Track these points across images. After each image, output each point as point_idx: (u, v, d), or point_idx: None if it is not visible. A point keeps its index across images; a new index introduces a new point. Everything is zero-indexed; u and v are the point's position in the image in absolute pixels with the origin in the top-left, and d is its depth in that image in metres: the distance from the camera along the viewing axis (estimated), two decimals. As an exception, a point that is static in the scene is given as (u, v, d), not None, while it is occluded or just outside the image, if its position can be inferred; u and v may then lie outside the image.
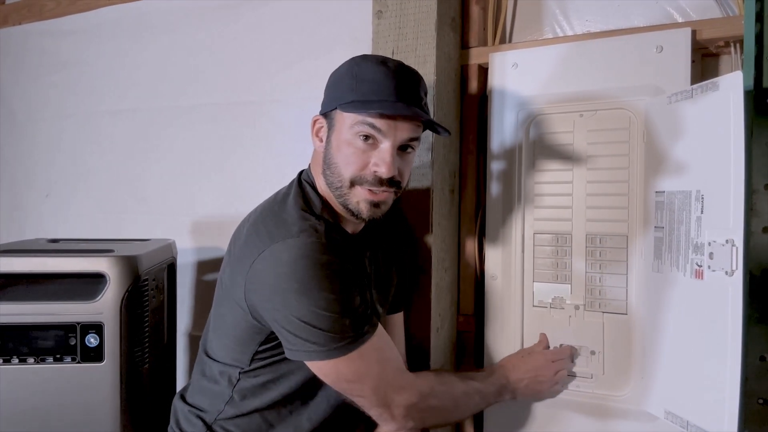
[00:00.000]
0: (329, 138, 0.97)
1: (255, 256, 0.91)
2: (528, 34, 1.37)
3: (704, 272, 0.97)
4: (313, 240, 0.90)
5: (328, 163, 0.97)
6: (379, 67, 0.95)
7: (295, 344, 0.91)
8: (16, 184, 2.14)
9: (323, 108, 1.00)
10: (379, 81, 0.93)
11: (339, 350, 0.90)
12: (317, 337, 0.89)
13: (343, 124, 0.94)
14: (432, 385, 0.99)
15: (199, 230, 1.78)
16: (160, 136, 1.85)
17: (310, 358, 0.91)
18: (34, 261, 1.23)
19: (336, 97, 0.96)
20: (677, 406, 1.04)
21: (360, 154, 0.94)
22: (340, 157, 0.95)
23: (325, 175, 0.98)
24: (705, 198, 0.98)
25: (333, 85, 0.99)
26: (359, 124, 0.92)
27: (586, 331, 1.20)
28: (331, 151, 0.96)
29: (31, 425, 1.21)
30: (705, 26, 1.11)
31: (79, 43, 1.97)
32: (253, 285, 0.92)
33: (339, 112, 0.95)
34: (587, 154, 1.20)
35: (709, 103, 0.98)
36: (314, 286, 0.88)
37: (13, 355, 1.19)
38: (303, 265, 0.88)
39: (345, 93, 0.94)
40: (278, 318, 0.91)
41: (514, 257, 1.27)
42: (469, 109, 1.36)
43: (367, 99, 0.92)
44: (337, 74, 0.99)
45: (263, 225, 0.96)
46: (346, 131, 0.94)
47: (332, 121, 0.97)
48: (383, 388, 0.94)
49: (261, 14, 1.67)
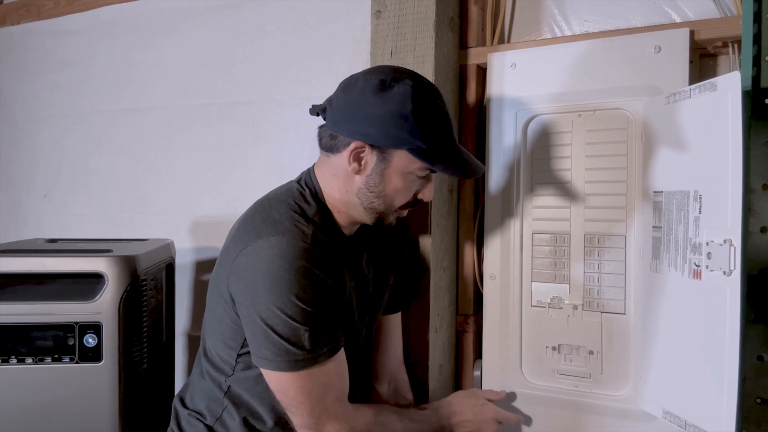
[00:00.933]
0: (380, 172, 0.96)
1: (239, 250, 0.92)
2: (526, 35, 1.37)
3: (702, 272, 0.97)
4: (296, 242, 0.90)
5: (372, 190, 0.98)
6: (439, 103, 0.97)
7: (253, 346, 0.92)
8: (14, 184, 2.13)
9: (376, 140, 0.94)
10: (444, 126, 0.97)
11: (289, 364, 0.89)
12: (272, 344, 0.89)
13: (407, 165, 0.96)
14: (368, 423, 0.98)
15: (198, 230, 1.78)
16: (158, 136, 1.85)
17: (261, 365, 0.92)
18: (32, 261, 1.23)
19: (398, 136, 0.93)
20: (675, 406, 1.04)
21: (414, 188, 1.00)
22: (391, 188, 0.97)
23: (364, 198, 0.99)
24: (703, 198, 0.98)
25: (390, 120, 0.92)
26: (425, 170, 0.97)
27: (585, 330, 1.20)
28: (381, 183, 0.97)
29: (30, 425, 1.20)
30: (703, 26, 1.12)
31: (77, 43, 1.97)
32: (233, 277, 0.93)
33: (405, 153, 0.94)
34: (585, 154, 1.20)
35: (707, 104, 0.98)
36: (284, 288, 0.88)
37: (11, 355, 1.19)
38: (279, 266, 0.88)
39: (411, 137, 0.93)
40: (245, 315, 0.92)
41: (513, 257, 1.27)
42: (467, 109, 1.36)
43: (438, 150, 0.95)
44: (394, 108, 0.92)
45: (252, 221, 0.96)
46: (406, 169, 0.96)
47: (388, 157, 0.95)
48: (319, 412, 0.93)
49: (260, 14, 1.67)
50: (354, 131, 0.95)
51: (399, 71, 0.97)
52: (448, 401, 1.15)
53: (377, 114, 0.92)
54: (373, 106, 0.93)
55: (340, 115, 0.96)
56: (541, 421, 1.25)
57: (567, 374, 1.22)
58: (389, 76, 0.94)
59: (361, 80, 0.95)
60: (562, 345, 1.22)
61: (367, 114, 0.93)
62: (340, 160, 0.97)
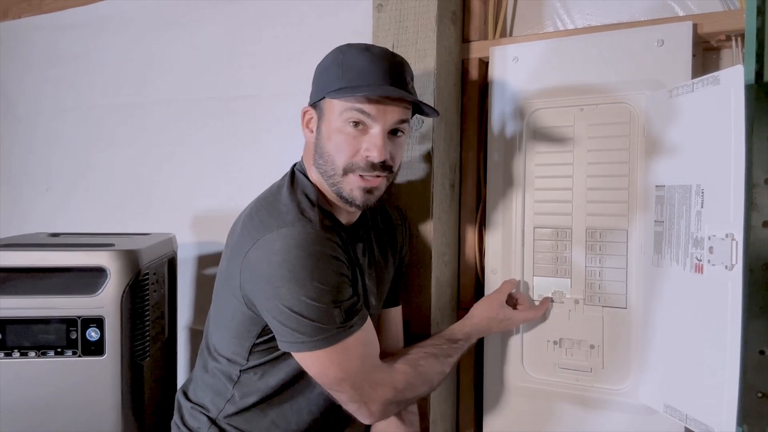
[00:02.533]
0: (319, 128, 0.98)
1: (250, 245, 0.92)
2: (529, 28, 1.37)
3: (704, 266, 0.97)
4: (307, 229, 0.90)
5: (320, 153, 0.97)
6: (364, 53, 0.95)
7: (284, 335, 0.91)
8: (17, 178, 2.13)
9: (312, 99, 1.01)
10: (366, 67, 0.94)
11: (325, 341, 0.90)
12: (305, 327, 0.89)
13: (332, 112, 0.95)
14: (408, 379, 0.98)
15: (200, 224, 1.78)
16: (160, 130, 1.85)
17: (297, 349, 0.92)
18: (34, 255, 1.23)
19: (323, 86, 0.97)
20: (676, 400, 1.05)
21: (351, 140, 0.94)
22: (331, 145, 0.95)
23: (317, 165, 0.99)
24: (705, 192, 0.98)
25: (320, 75, 0.99)
26: (348, 110, 0.93)
27: (586, 325, 1.20)
28: (322, 140, 0.97)
29: (33, 419, 1.21)
30: (706, 20, 1.11)
31: (79, 36, 1.97)
32: (247, 274, 0.93)
33: (327, 100, 0.95)
34: (588, 148, 1.20)
35: (709, 97, 0.97)
36: (306, 276, 0.88)
37: (14, 349, 1.19)
38: (295, 255, 0.88)
39: (332, 81, 0.95)
40: (269, 307, 0.91)
41: (515, 251, 1.27)
42: (469, 103, 1.35)
43: (355, 85, 0.93)
44: (323, 64, 1.00)
45: (258, 215, 0.96)
46: (335, 119, 0.94)
47: (321, 111, 0.97)
48: (361, 384, 0.93)
49: (262, 8, 1.67)
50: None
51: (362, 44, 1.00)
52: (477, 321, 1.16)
53: (315, 75, 1.01)
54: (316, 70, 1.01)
55: None
56: (542, 415, 1.25)
57: (568, 368, 1.22)
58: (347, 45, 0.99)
59: None
60: (564, 339, 1.23)
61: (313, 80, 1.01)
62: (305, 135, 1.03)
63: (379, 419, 0.97)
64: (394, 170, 0.99)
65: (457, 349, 1.09)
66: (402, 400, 0.98)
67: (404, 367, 0.99)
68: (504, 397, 1.29)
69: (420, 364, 1.01)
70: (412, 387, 0.99)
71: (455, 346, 1.09)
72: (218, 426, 1.05)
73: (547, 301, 1.23)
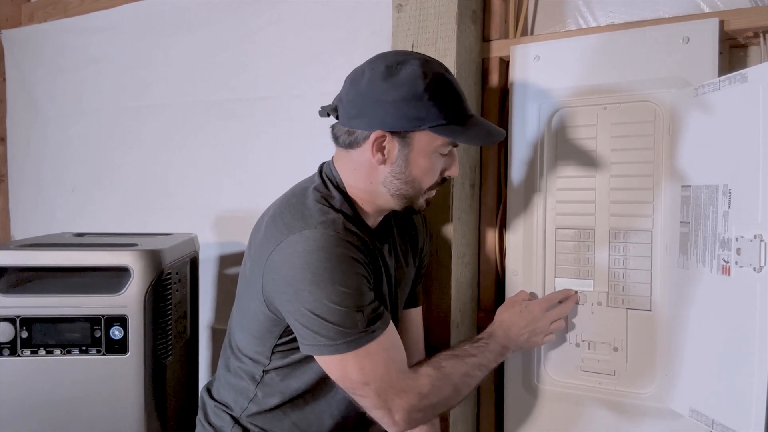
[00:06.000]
0: (403, 156, 0.96)
1: (273, 247, 0.92)
2: (550, 26, 1.35)
3: (731, 268, 0.95)
4: (330, 232, 0.90)
5: (402, 179, 0.97)
6: (445, 78, 0.96)
7: (306, 337, 0.91)
8: (43, 179, 2.18)
9: (395, 125, 0.94)
10: (455, 97, 0.96)
11: (348, 345, 0.89)
12: (328, 331, 0.89)
13: (429, 144, 0.96)
14: (432, 382, 0.96)
15: (221, 224, 1.80)
16: (182, 131, 1.87)
17: (320, 352, 0.91)
18: (60, 254, 1.25)
19: (417, 117, 0.93)
20: (703, 405, 1.03)
21: (439, 166, 0.99)
22: (417, 171, 0.97)
23: (392, 187, 0.98)
24: (732, 192, 0.96)
25: (405, 103, 0.92)
26: (447, 145, 0.97)
27: (609, 327, 1.19)
28: (408, 168, 0.97)
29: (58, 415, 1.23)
30: (733, 16, 1.09)
31: (103, 39, 2.00)
32: (269, 276, 0.93)
33: (424, 133, 0.94)
34: (611, 148, 1.18)
35: (737, 95, 0.95)
36: (328, 279, 0.88)
37: (40, 347, 1.22)
38: (317, 257, 0.88)
39: (430, 114, 0.93)
40: (291, 310, 0.91)
41: (536, 252, 1.26)
42: (490, 102, 1.34)
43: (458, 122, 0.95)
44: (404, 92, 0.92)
45: (281, 217, 0.96)
46: (429, 148, 0.96)
47: (410, 141, 0.95)
48: (385, 390, 0.92)
49: (281, 9, 1.67)
50: (371, 123, 0.94)
51: (401, 54, 0.97)
52: (497, 321, 1.15)
53: (391, 100, 0.92)
54: (385, 93, 0.92)
55: (353, 110, 0.96)
56: (563, 418, 1.24)
57: (591, 371, 1.21)
58: (393, 60, 0.94)
59: (367, 71, 0.95)
60: (586, 341, 1.21)
61: (381, 102, 0.93)
62: (362, 153, 0.97)
63: (403, 429, 0.94)
64: None
65: (479, 348, 1.05)
66: (427, 406, 0.95)
67: (427, 370, 0.97)
68: (525, 399, 1.28)
69: (442, 365, 0.99)
70: (437, 390, 0.96)
71: (477, 345, 1.06)
72: (241, 425, 1.05)
73: (573, 297, 1.20)
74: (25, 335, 1.21)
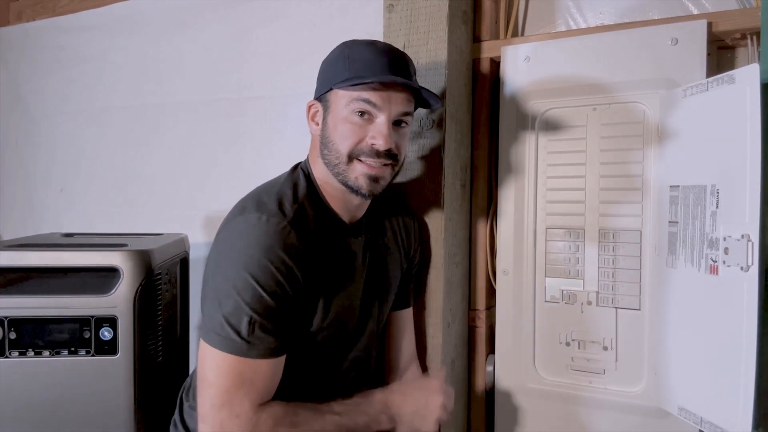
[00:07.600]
0: (325, 120, 0.99)
1: (223, 225, 0.96)
2: (540, 27, 1.36)
3: (719, 267, 0.96)
4: (274, 222, 0.90)
5: (326, 143, 0.98)
6: (370, 47, 0.98)
7: (202, 316, 0.92)
8: (31, 179, 2.16)
9: (317, 92, 1.02)
10: (371, 59, 0.96)
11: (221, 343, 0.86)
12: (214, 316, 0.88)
13: (339, 102, 0.96)
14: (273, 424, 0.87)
15: (212, 225, 1.79)
16: (173, 131, 1.86)
17: (201, 334, 0.90)
18: (49, 255, 1.24)
19: (329, 78, 0.99)
20: (691, 403, 1.04)
21: (357, 129, 0.96)
22: (337, 134, 0.97)
23: (323, 156, 0.99)
24: (720, 193, 0.97)
25: (326, 69, 1.02)
26: (355, 101, 0.95)
27: (599, 326, 1.19)
28: (328, 131, 0.98)
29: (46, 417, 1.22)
30: (721, 18, 1.10)
31: (92, 39, 1.99)
32: (210, 252, 0.95)
33: (334, 92, 0.97)
34: (600, 148, 1.19)
35: (724, 97, 0.96)
36: (243, 263, 0.88)
37: (28, 348, 1.21)
38: (247, 242, 0.89)
39: (339, 73, 0.97)
40: (203, 285, 0.93)
41: (526, 252, 1.27)
42: (480, 103, 1.35)
43: (361, 75, 0.94)
44: (329, 58, 1.02)
45: (243, 201, 0.98)
46: (342, 109, 0.96)
47: (327, 103, 0.99)
48: (220, 403, 0.86)
49: (273, 9, 1.67)
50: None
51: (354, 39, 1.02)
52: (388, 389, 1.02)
53: (320, 72, 1.03)
54: (321, 70, 1.03)
55: None
56: (554, 416, 1.24)
57: (581, 370, 1.21)
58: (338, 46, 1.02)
59: None
60: (576, 340, 1.22)
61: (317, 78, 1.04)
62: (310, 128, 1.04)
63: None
64: (399, 159, 1.00)
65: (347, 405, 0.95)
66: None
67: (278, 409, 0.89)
68: (516, 398, 1.28)
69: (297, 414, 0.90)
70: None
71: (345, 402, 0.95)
72: None
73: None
74: (13, 336, 1.19)
